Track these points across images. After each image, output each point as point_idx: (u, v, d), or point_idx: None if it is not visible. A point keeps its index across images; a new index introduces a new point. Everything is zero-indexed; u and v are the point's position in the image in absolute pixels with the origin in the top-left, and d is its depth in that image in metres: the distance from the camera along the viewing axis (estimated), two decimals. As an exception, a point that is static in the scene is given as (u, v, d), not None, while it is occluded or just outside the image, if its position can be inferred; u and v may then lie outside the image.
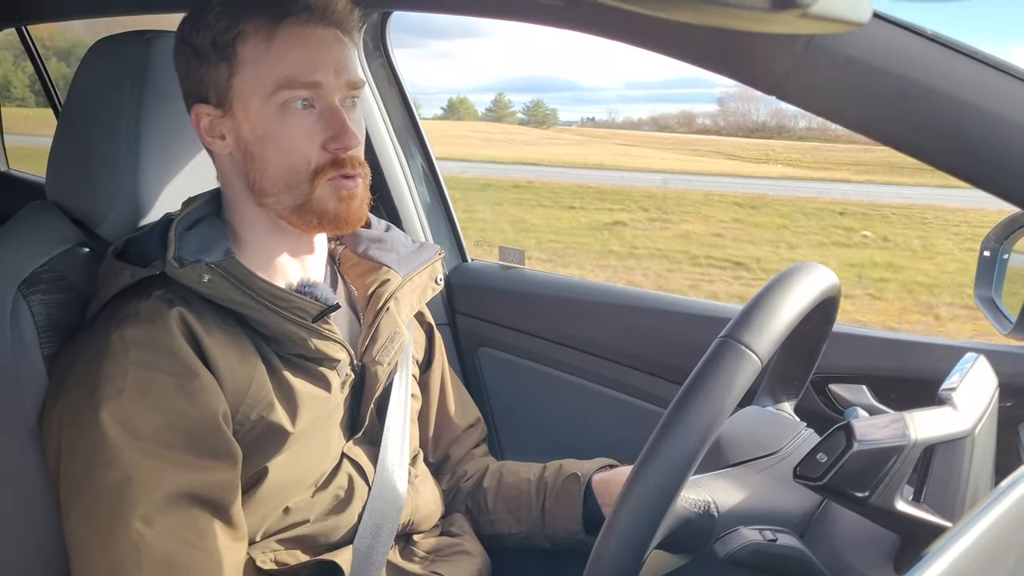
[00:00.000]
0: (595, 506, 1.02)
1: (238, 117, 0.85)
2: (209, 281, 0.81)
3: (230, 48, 0.83)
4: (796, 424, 0.88)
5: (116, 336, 0.80)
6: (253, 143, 0.85)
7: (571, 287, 1.46)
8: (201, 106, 0.87)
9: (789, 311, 0.68)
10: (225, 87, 0.85)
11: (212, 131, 0.87)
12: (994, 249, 1.03)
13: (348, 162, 0.86)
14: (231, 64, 0.84)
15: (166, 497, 0.76)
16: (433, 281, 1.07)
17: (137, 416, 0.77)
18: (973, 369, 0.71)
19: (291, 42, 0.83)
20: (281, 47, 0.83)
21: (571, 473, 1.05)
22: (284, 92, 0.83)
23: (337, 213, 0.87)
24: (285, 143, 0.84)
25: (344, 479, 0.92)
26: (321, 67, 0.84)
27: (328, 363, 0.90)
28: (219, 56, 0.84)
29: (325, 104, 0.85)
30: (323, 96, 0.85)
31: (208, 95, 0.86)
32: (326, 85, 0.84)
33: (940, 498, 0.66)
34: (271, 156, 0.85)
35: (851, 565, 0.71)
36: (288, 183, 0.85)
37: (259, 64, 0.83)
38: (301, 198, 0.86)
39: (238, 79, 0.84)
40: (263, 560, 0.86)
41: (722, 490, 0.75)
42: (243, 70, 0.84)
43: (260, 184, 0.86)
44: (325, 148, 0.85)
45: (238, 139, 0.86)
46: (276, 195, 0.86)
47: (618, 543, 0.62)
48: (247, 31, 0.83)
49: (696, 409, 0.63)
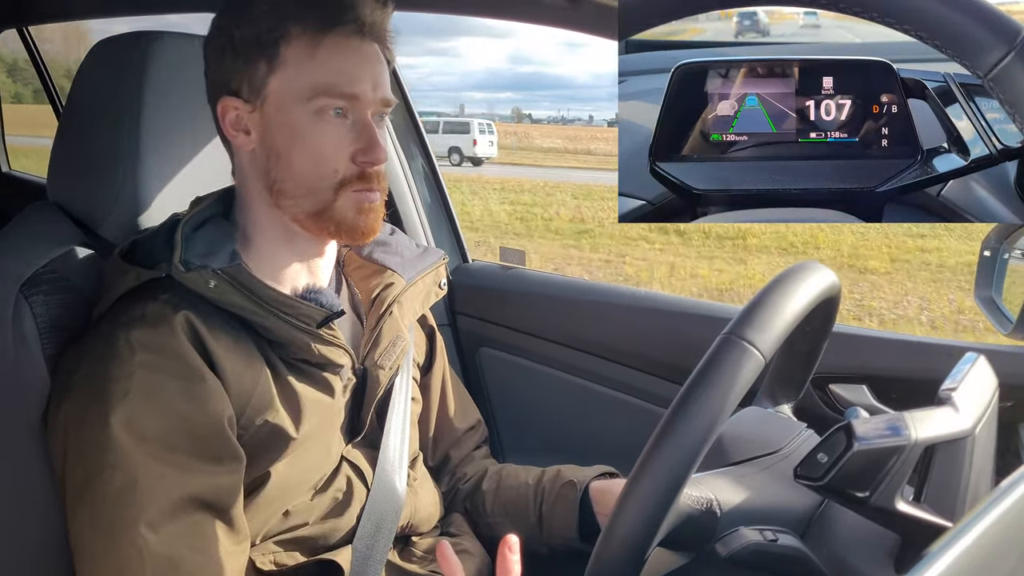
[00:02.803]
0: (591, 514, 1.02)
1: (269, 114, 0.85)
2: (215, 287, 0.81)
3: (274, 47, 0.84)
4: (796, 424, 0.88)
5: (122, 338, 0.80)
6: (281, 142, 0.85)
7: (571, 287, 1.46)
8: (230, 99, 0.86)
9: (792, 309, 0.68)
10: (260, 84, 0.85)
11: (238, 125, 0.87)
12: (994, 249, 1.03)
13: (374, 176, 0.86)
14: (272, 63, 0.84)
15: (171, 501, 0.76)
16: (437, 286, 1.07)
17: (143, 419, 0.77)
18: (973, 369, 0.71)
19: (337, 51, 0.84)
20: (326, 55, 0.84)
21: (568, 480, 1.04)
22: (322, 99, 0.83)
23: (355, 225, 0.87)
24: (315, 148, 0.84)
25: (343, 482, 0.92)
26: (361, 80, 0.85)
27: (331, 368, 0.90)
28: (260, 53, 0.84)
29: (358, 116, 0.86)
30: (358, 108, 0.85)
31: (240, 89, 0.86)
32: (363, 98, 0.85)
33: (940, 498, 0.66)
34: (297, 158, 0.85)
35: (851, 565, 0.71)
36: (310, 188, 0.85)
37: (301, 67, 0.84)
38: (321, 205, 0.86)
39: (276, 78, 0.84)
40: (263, 562, 0.86)
41: (724, 488, 0.75)
42: (283, 70, 0.84)
43: (281, 185, 0.86)
44: (353, 160, 0.85)
45: (264, 136, 0.86)
46: (296, 198, 0.86)
47: (620, 541, 0.62)
48: (293, 33, 0.84)
49: (699, 405, 0.62)
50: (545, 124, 37.15)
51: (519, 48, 63.83)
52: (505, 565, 0.67)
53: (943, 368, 0.72)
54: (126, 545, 0.74)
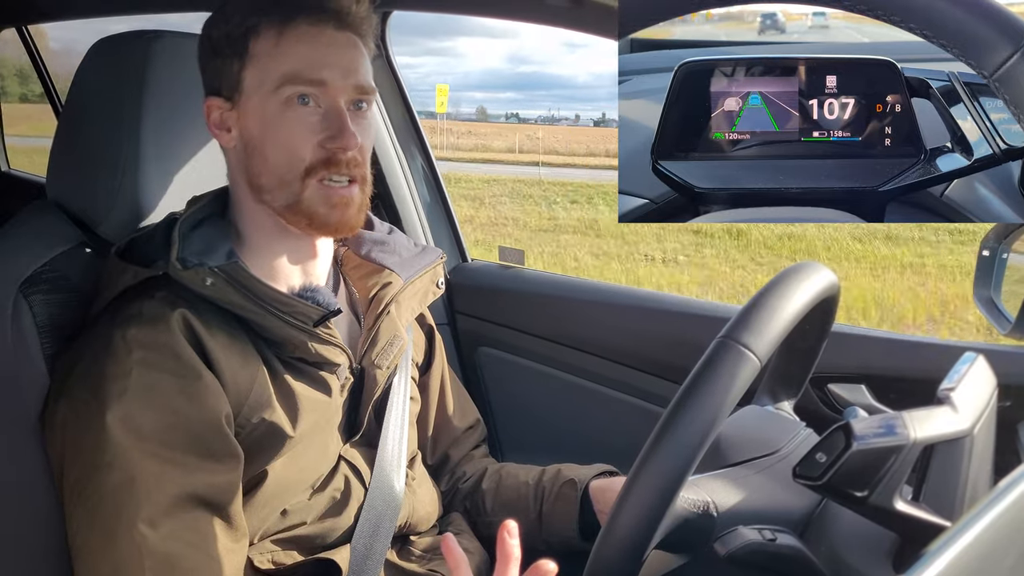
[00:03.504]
0: (591, 513, 1.02)
1: (244, 110, 0.86)
2: (212, 285, 0.81)
3: (243, 43, 0.84)
4: (795, 424, 0.88)
5: (119, 336, 0.80)
6: (256, 136, 0.86)
7: (571, 287, 1.46)
8: (213, 99, 0.88)
9: (788, 311, 0.68)
10: (235, 81, 0.86)
11: (221, 124, 0.88)
12: (994, 249, 1.03)
13: (344, 163, 0.85)
14: (243, 58, 0.85)
15: (169, 499, 0.76)
16: (435, 285, 1.06)
17: (140, 416, 0.77)
18: (972, 369, 0.71)
19: (300, 39, 0.84)
20: (290, 43, 0.84)
21: (568, 479, 1.05)
22: (288, 87, 0.83)
23: (328, 219, 0.86)
24: (284, 137, 0.84)
25: (341, 481, 0.92)
26: (328, 66, 0.84)
27: (328, 367, 0.90)
28: (232, 50, 0.85)
29: (329, 104, 0.85)
30: (328, 96, 0.85)
31: (220, 88, 0.87)
32: (332, 84, 0.84)
33: (939, 498, 0.66)
34: (270, 150, 0.85)
35: (850, 564, 0.71)
36: (281, 179, 0.85)
37: (268, 58, 0.84)
38: (292, 197, 0.85)
39: (248, 73, 0.85)
40: (261, 561, 0.86)
41: (721, 490, 0.75)
42: (253, 64, 0.85)
43: (258, 180, 0.87)
44: (322, 146, 0.84)
45: (242, 132, 0.87)
46: (271, 191, 0.86)
47: (618, 543, 0.62)
48: (261, 26, 0.84)
49: (695, 409, 0.63)
50: (532, 123, 37.28)
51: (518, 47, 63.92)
52: (504, 549, 0.68)
53: (942, 368, 0.72)
54: (124, 542, 0.74)
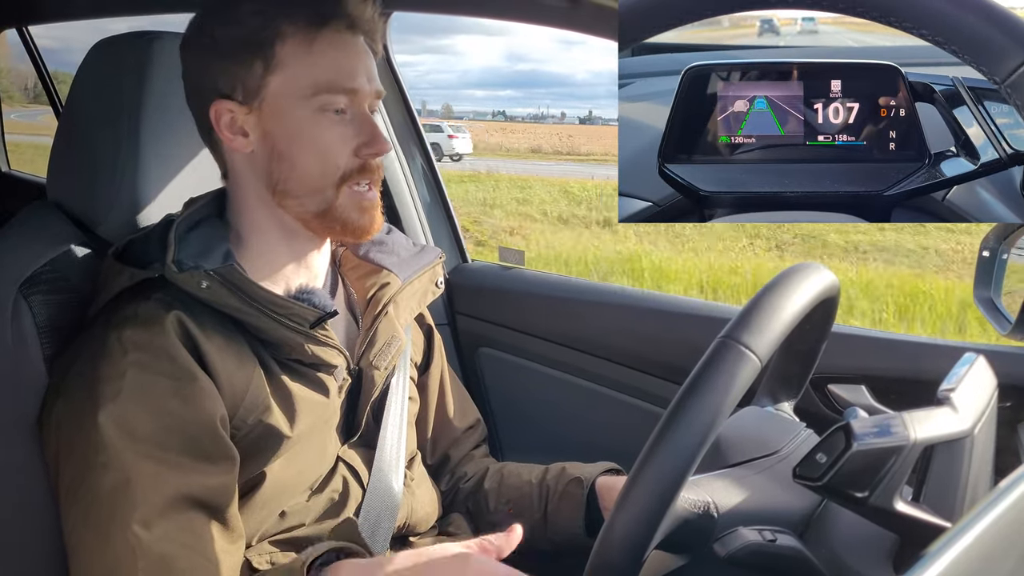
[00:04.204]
0: (597, 511, 1.02)
1: (267, 115, 0.85)
2: (207, 287, 0.81)
3: (268, 47, 0.83)
4: (795, 424, 0.88)
5: (114, 337, 0.80)
6: (283, 143, 0.85)
7: (571, 287, 1.46)
8: (223, 102, 0.86)
9: (789, 311, 0.68)
10: (257, 85, 0.84)
11: (233, 128, 0.87)
12: (994, 249, 1.03)
13: (375, 168, 0.88)
14: (268, 63, 0.84)
15: (164, 500, 0.76)
16: (433, 284, 1.06)
17: (135, 418, 0.77)
18: (972, 369, 0.71)
19: (332, 48, 0.85)
20: (322, 51, 0.84)
21: (574, 477, 1.04)
22: (323, 96, 0.84)
23: (360, 224, 0.88)
24: (320, 146, 0.85)
25: (339, 483, 0.92)
26: (358, 74, 0.86)
27: (325, 368, 0.90)
28: (253, 54, 0.84)
29: (357, 111, 0.86)
30: (357, 103, 0.86)
31: (234, 91, 0.85)
32: (361, 91, 0.86)
33: (939, 498, 0.66)
34: (301, 158, 0.85)
35: (850, 565, 0.71)
36: (315, 187, 0.86)
37: (299, 66, 0.84)
38: (324, 204, 0.86)
39: (274, 78, 0.84)
40: (259, 562, 0.86)
41: (721, 490, 0.75)
42: (281, 70, 0.84)
43: (285, 186, 0.86)
44: (356, 154, 0.86)
45: (265, 137, 0.86)
46: (300, 198, 0.86)
47: (618, 544, 0.62)
48: (287, 32, 0.84)
49: (695, 410, 0.62)
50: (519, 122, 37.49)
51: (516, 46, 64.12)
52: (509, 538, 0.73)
53: (942, 368, 0.72)
54: (119, 543, 0.74)
